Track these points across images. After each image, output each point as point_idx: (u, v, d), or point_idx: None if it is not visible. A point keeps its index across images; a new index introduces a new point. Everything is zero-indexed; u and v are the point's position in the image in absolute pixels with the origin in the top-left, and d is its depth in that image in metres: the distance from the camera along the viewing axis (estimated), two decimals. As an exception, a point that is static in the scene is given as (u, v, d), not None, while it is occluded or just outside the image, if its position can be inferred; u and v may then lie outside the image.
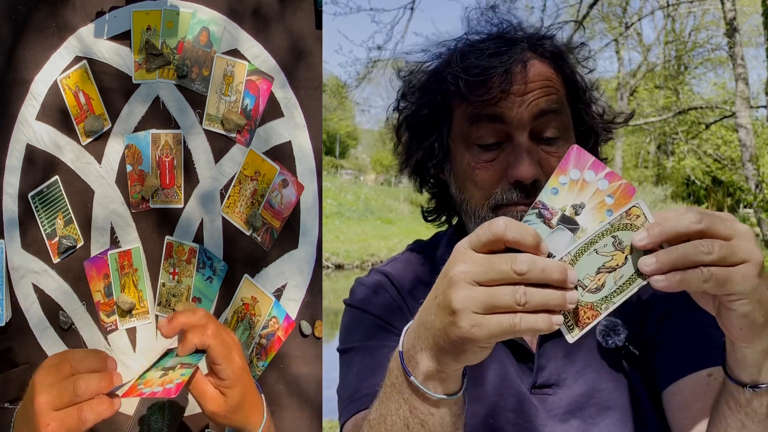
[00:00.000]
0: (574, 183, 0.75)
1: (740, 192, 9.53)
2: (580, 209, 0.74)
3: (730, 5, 11.51)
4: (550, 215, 0.74)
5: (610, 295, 0.73)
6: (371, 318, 1.15)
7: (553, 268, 0.69)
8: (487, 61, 1.04)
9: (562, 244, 0.74)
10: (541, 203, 0.75)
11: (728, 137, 20.76)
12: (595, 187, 0.74)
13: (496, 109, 1.04)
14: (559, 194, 0.75)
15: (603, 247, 0.73)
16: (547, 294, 0.69)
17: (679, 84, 19.29)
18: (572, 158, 0.75)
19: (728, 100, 17.36)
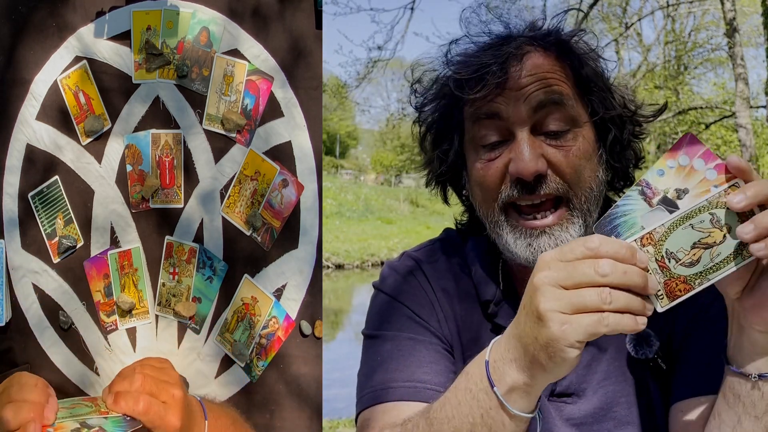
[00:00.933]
0: (681, 168, 0.76)
1: (740, 192, 9.50)
2: (683, 194, 0.75)
3: (730, 5, 11.51)
4: (652, 194, 0.76)
5: (706, 272, 0.74)
6: (402, 308, 1.13)
7: (634, 272, 0.71)
8: (478, 58, 1.03)
9: (658, 223, 0.75)
10: (645, 182, 0.76)
11: (728, 137, 20.73)
12: (702, 175, 0.75)
13: (493, 106, 1.02)
14: (665, 176, 0.76)
15: (699, 222, 0.74)
16: (630, 298, 0.71)
17: (679, 84, 19.26)
18: (684, 144, 0.76)
19: (728, 100, 17.35)
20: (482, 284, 1.12)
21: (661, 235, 0.75)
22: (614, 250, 0.72)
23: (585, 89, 1.07)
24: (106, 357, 1.30)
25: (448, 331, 1.11)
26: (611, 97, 1.09)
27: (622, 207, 0.77)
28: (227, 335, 1.28)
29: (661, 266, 0.75)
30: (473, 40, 1.10)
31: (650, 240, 0.75)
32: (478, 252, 1.16)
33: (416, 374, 1.04)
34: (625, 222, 0.76)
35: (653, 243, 0.75)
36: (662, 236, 0.75)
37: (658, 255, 0.75)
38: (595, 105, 1.07)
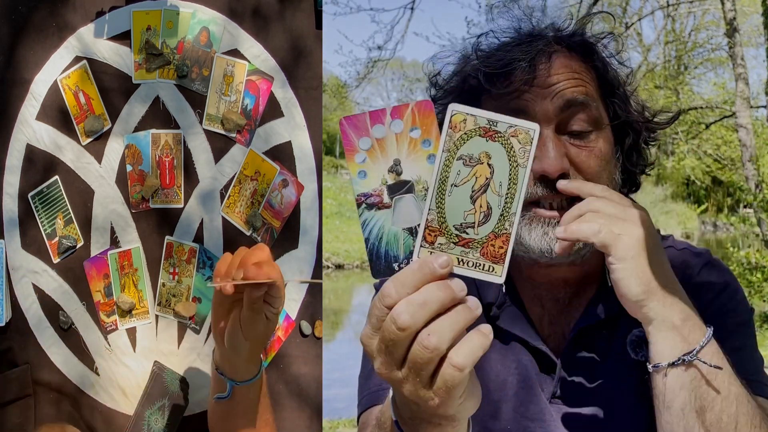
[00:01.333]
0: (371, 151, 0.65)
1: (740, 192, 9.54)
2: (399, 166, 0.65)
3: (730, 5, 11.51)
4: (378, 198, 0.65)
5: (504, 211, 0.65)
6: None
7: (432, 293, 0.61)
8: (510, 53, 1.01)
9: (414, 212, 0.65)
10: (361, 195, 0.65)
11: (728, 137, 20.74)
12: (393, 136, 0.65)
13: (520, 102, 1.00)
14: (368, 174, 0.65)
15: (457, 175, 0.64)
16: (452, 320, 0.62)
17: (679, 84, 19.27)
18: (349, 131, 0.65)
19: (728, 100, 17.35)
20: (484, 286, 1.12)
21: (437, 220, 0.64)
22: (412, 284, 0.61)
23: (607, 92, 1.07)
24: (106, 357, 1.30)
25: None
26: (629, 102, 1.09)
27: (369, 234, 0.65)
28: (227, 335, 1.28)
29: (464, 244, 0.64)
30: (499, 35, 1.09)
31: (432, 232, 0.64)
32: None
33: None
34: (388, 243, 0.65)
35: (438, 231, 0.64)
36: (438, 219, 0.64)
37: (452, 238, 0.64)
38: (617, 108, 1.07)
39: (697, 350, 0.83)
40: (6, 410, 1.30)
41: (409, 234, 0.65)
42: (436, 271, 0.62)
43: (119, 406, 1.28)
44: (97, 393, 1.30)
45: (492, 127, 0.65)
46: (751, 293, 6.46)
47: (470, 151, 0.64)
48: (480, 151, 0.64)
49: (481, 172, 0.64)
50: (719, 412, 0.83)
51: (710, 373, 0.83)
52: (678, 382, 0.84)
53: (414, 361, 0.62)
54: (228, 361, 1.03)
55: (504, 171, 0.64)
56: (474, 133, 0.65)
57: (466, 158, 0.64)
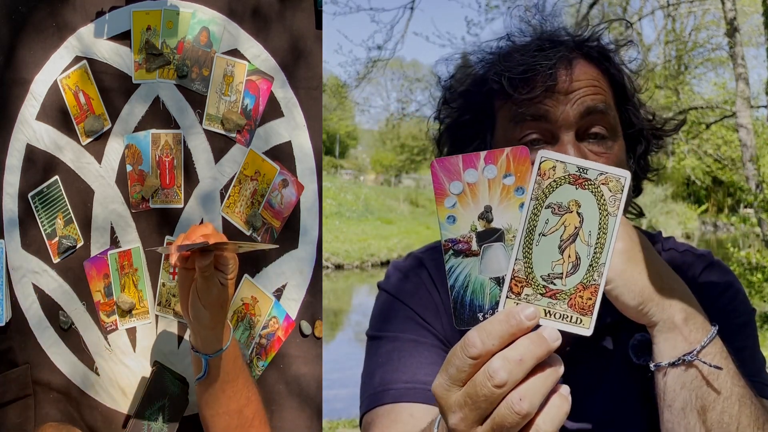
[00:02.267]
0: (462, 196, 0.63)
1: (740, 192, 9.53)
2: (489, 213, 0.63)
3: (731, 5, 11.50)
4: (466, 245, 0.63)
5: (593, 261, 0.63)
6: (405, 309, 1.13)
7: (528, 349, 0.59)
8: (532, 59, 1.02)
9: (503, 261, 0.63)
10: (449, 241, 0.63)
11: (728, 137, 20.73)
12: (485, 181, 0.63)
13: (541, 108, 1.01)
14: (458, 219, 0.63)
15: (545, 224, 0.62)
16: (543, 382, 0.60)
17: (679, 84, 19.26)
18: (440, 175, 0.63)
19: (728, 100, 17.35)
20: None
21: (524, 270, 0.62)
22: (499, 337, 0.59)
23: (621, 100, 1.09)
24: (106, 357, 1.30)
25: (450, 333, 1.11)
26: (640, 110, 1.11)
27: (455, 282, 0.63)
28: (227, 335, 1.28)
29: (551, 295, 0.62)
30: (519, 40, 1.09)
31: (519, 282, 0.62)
32: None
33: (417, 375, 1.04)
34: (474, 292, 0.63)
35: (524, 282, 0.62)
36: (525, 269, 0.62)
37: (539, 289, 0.62)
38: (631, 116, 1.09)
39: (698, 350, 0.83)
40: (6, 410, 1.30)
41: (496, 284, 0.63)
42: (523, 323, 0.60)
43: (119, 406, 1.28)
44: (97, 393, 1.30)
45: (582, 174, 0.63)
46: (752, 293, 6.45)
47: (559, 199, 0.62)
48: (569, 199, 0.62)
49: (570, 221, 0.62)
50: (721, 412, 0.83)
51: (711, 373, 0.83)
52: (679, 382, 0.84)
53: (500, 424, 0.59)
54: (197, 335, 1.09)
55: (594, 220, 0.62)
56: (563, 181, 0.62)
57: (555, 206, 0.62)
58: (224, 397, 1.10)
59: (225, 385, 1.10)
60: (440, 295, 1.14)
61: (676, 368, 0.84)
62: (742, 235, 16.27)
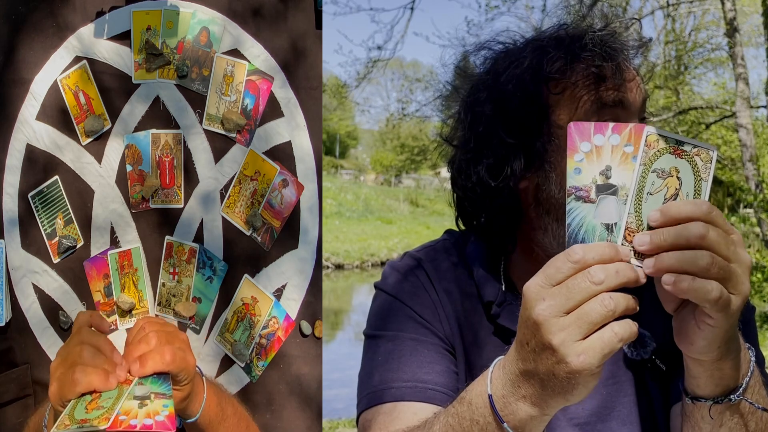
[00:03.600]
0: (589, 154, 0.76)
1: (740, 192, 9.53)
2: (609, 171, 0.76)
3: (730, 5, 11.50)
4: (586, 193, 0.76)
5: None
6: (403, 308, 1.13)
7: (625, 268, 0.70)
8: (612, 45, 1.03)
9: (613, 211, 0.75)
10: (573, 188, 0.76)
11: (728, 137, 20.73)
12: (609, 146, 0.76)
13: (618, 94, 1.01)
14: (583, 171, 0.76)
15: (652, 185, 0.75)
16: (628, 298, 0.71)
17: (680, 84, 19.26)
18: (575, 135, 0.77)
19: (728, 100, 17.35)
20: (484, 285, 1.12)
21: (635, 222, 0.75)
22: (599, 253, 0.71)
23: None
24: (106, 357, 1.30)
25: (449, 332, 1.11)
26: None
27: (572, 221, 0.76)
28: (227, 335, 1.28)
29: None
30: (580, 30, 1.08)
31: (631, 233, 0.75)
32: (479, 253, 1.15)
33: (417, 374, 1.04)
34: (586, 231, 0.76)
35: (636, 232, 0.75)
36: (636, 221, 0.75)
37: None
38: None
39: (743, 388, 0.81)
40: (6, 410, 1.30)
41: (605, 229, 0.75)
42: (619, 254, 0.71)
43: (119, 406, 1.28)
44: (97, 393, 1.30)
45: (680, 146, 0.76)
46: (752, 293, 6.45)
47: (662, 165, 0.75)
48: (670, 166, 0.75)
49: (672, 184, 0.75)
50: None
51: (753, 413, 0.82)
52: (719, 420, 0.82)
53: (587, 313, 0.69)
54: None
55: (690, 184, 0.76)
56: (665, 151, 0.76)
57: (659, 171, 0.75)
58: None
59: (218, 427, 1.08)
60: (437, 293, 1.14)
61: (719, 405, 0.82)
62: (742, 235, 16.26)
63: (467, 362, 1.09)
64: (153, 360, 0.96)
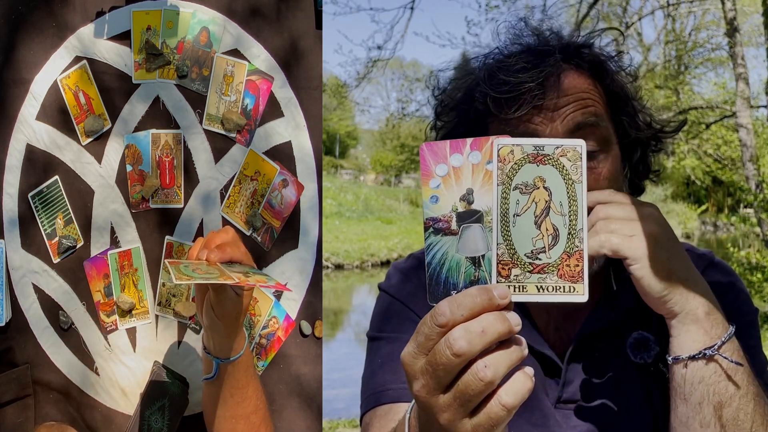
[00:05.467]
0: (446, 178, 0.66)
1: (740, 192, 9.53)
2: (471, 195, 0.66)
3: (731, 5, 11.49)
4: (446, 224, 0.66)
5: (571, 227, 0.65)
6: (405, 310, 1.13)
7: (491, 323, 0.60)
8: (517, 77, 0.99)
9: (479, 241, 0.65)
10: (431, 219, 0.67)
11: (728, 137, 20.74)
12: (470, 165, 0.66)
13: (529, 126, 0.99)
14: (441, 199, 0.67)
15: (516, 204, 0.65)
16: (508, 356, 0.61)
17: (679, 84, 19.25)
18: (428, 157, 0.67)
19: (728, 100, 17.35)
20: None
21: (507, 252, 0.65)
22: (468, 308, 0.61)
23: (616, 109, 1.06)
24: (106, 357, 1.30)
25: None
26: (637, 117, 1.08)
27: (432, 258, 0.66)
28: (227, 335, 1.28)
29: (539, 270, 0.65)
30: (505, 56, 1.07)
31: (505, 266, 0.65)
32: None
33: None
34: (449, 269, 0.66)
35: (510, 264, 0.65)
36: (509, 251, 0.65)
37: (526, 267, 0.65)
38: (625, 125, 1.06)
39: (719, 345, 0.83)
40: (6, 410, 1.30)
41: (471, 263, 0.65)
42: (494, 300, 0.61)
43: (119, 406, 1.28)
44: (97, 393, 1.30)
45: (539, 151, 0.65)
46: (752, 293, 6.46)
47: (524, 178, 0.65)
48: (534, 177, 0.65)
49: (540, 197, 0.65)
50: (736, 408, 0.83)
51: (730, 368, 0.83)
52: (697, 376, 0.84)
53: (463, 391, 0.61)
54: (211, 340, 1.08)
55: (561, 190, 0.65)
56: (524, 161, 0.65)
57: (522, 186, 0.65)
58: (232, 401, 1.10)
59: (234, 390, 1.09)
60: None
61: (695, 362, 0.84)
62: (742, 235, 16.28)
63: None
64: (231, 248, 1.01)
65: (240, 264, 1.02)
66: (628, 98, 1.07)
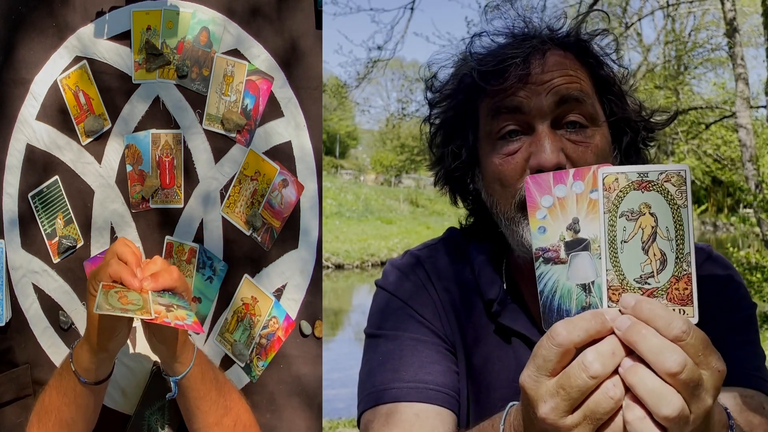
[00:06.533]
0: (552, 209, 0.69)
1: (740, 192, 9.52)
2: (577, 225, 0.69)
3: (730, 5, 11.49)
4: (555, 253, 0.69)
5: (678, 253, 0.66)
6: (404, 307, 1.13)
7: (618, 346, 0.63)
8: (503, 52, 1.02)
9: (588, 269, 0.67)
10: (540, 249, 0.69)
11: (728, 137, 20.74)
12: (573, 195, 0.69)
13: (515, 99, 1.01)
14: (548, 230, 0.69)
15: (623, 231, 0.67)
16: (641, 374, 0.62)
17: (679, 84, 19.25)
18: (533, 190, 0.70)
19: (728, 100, 17.35)
20: (486, 283, 1.11)
21: (616, 278, 0.66)
22: (584, 330, 0.63)
23: (602, 90, 1.08)
24: (106, 357, 1.30)
25: (450, 331, 1.11)
26: (625, 100, 1.10)
27: (544, 287, 0.68)
28: (227, 335, 1.28)
29: (649, 294, 0.66)
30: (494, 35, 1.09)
31: (615, 291, 0.67)
32: (481, 251, 1.15)
33: (418, 374, 1.04)
34: (561, 297, 0.68)
35: (620, 289, 0.67)
36: (618, 277, 0.66)
37: (636, 292, 0.67)
38: (613, 105, 1.07)
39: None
40: (6, 410, 1.30)
41: (582, 290, 0.67)
42: (607, 324, 0.64)
43: (119, 406, 1.28)
44: (97, 393, 1.30)
45: (644, 178, 0.67)
46: (752, 293, 6.45)
47: (630, 206, 0.67)
48: (639, 203, 0.66)
49: (646, 223, 0.66)
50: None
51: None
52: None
53: (594, 410, 0.63)
54: (161, 361, 1.11)
55: (667, 216, 0.66)
56: (629, 189, 0.67)
57: (628, 213, 0.67)
58: (200, 413, 1.11)
59: (198, 402, 1.11)
60: (438, 292, 1.14)
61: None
62: (742, 235, 16.28)
63: (468, 361, 1.09)
64: (163, 277, 1.03)
65: (171, 293, 1.04)
66: (615, 80, 1.09)
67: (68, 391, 1.08)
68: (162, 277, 1.03)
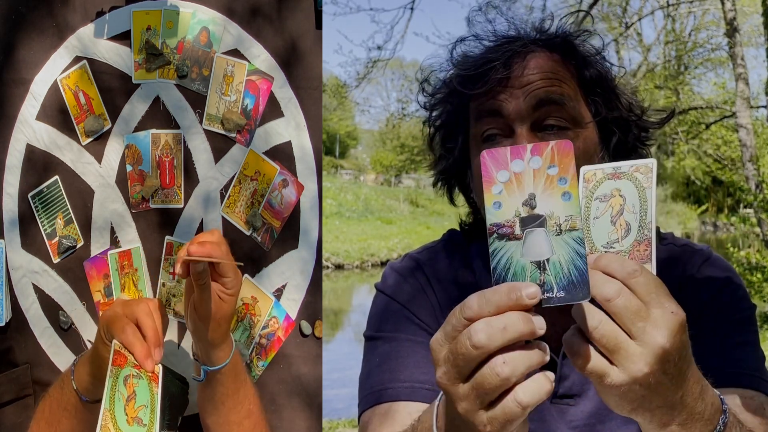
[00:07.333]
0: (508, 184, 0.67)
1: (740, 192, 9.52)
2: (533, 200, 0.66)
3: (730, 5, 11.49)
4: (510, 229, 0.67)
5: (642, 220, 0.72)
6: (402, 309, 1.13)
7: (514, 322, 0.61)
8: (484, 55, 1.03)
9: (544, 245, 0.66)
10: (494, 225, 0.67)
11: (728, 137, 20.75)
12: (530, 171, 0.67)
13: (495, 103, 1.02)
14: (503, 205, 0.67)
15: (596, 210, 0.74)
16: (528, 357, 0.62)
17: (679, 84, 19.25)
18: (489, 164, 0.67)
19: (728, 100, 17.36)
20: (486, 284, 1.12)
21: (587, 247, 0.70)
22: (495, 304, 0.62)
23: (589, 90, 1.07)
24: (106, 357, 1.30)
25: None
26: (616, 100, 1.08)
27: (497, 264, 0.67)
28: (227, 335, 1.28)
29: None
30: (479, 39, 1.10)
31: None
32: (481, 253, 1.16)
33: (414, 375, 1.05)
34: (515, 273, 0.66)
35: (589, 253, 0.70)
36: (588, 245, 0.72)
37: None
38: (598, 106, 1.07)
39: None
40: (6, 410, 1.30)
41: (537, 267, 0.66)
42: (523, 300, 0.63)
43: (119, 406, 1.28)
44: (97, 393, 1.30)
45: (617, 170, 0.74)
46: (752, 293, 6.46)
47: (603, 191, 0.74)
48: (611, 189, 0.74)
49: (615, 203, 0.73)
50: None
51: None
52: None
53: (480, 383, 0.63)
54: (197, 346, 1.08)
55: (634, 196, 0.73)
56: (604, 179, 0.74)
57: (602, 197, 0.74)
58: (224, 408, 1.10)
59: (224, 397, 1.10)
60: (436, 295, 1.14)
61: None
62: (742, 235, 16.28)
63: None
64: (212, 246, 1.01)
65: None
66: (602, 80, 1.08)
67: (69, 405, 1.07)
68: (210, 245, 1.00)
